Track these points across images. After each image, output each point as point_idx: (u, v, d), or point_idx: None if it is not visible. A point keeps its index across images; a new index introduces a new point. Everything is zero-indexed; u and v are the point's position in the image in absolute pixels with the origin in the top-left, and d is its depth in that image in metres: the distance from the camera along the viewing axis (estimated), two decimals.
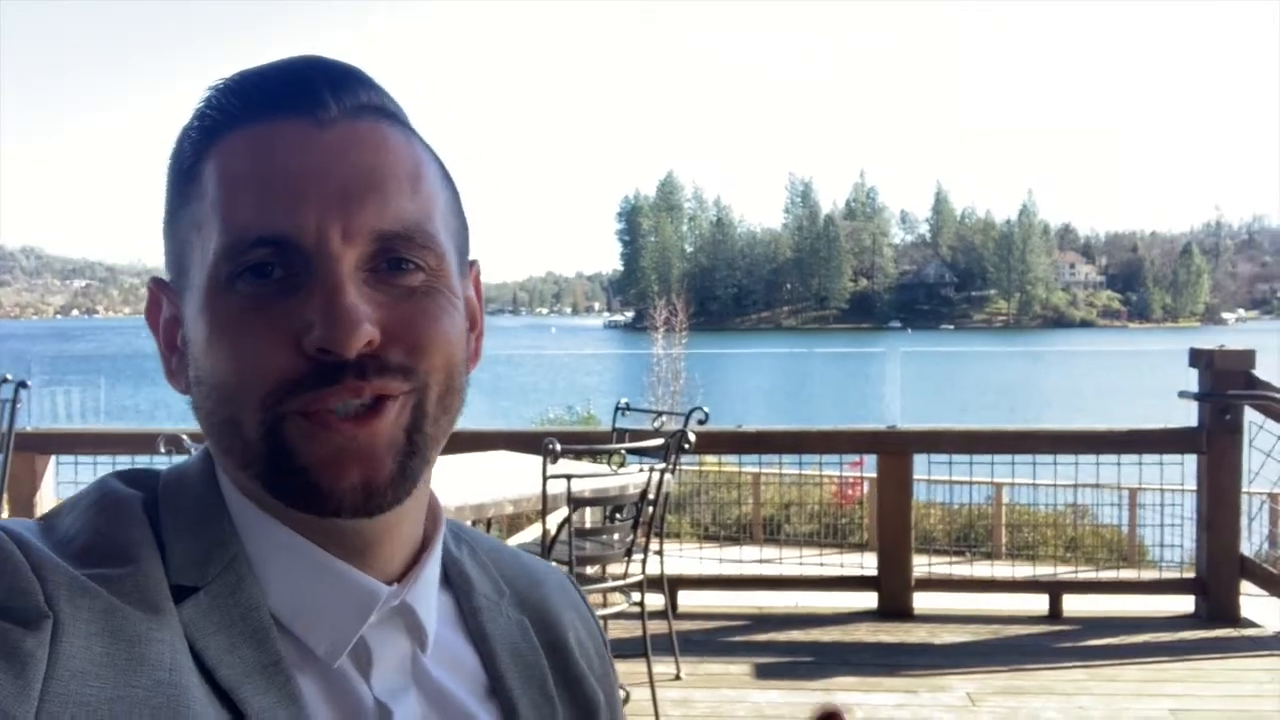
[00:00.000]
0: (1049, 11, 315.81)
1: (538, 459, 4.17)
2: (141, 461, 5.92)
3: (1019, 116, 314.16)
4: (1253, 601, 5.68)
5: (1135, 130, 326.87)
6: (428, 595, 0.79)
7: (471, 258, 0.83)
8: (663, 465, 4.28)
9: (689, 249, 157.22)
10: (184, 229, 0.74)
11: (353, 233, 0.70)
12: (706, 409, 5.29)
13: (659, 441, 4.50)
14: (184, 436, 4.17)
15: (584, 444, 5.29)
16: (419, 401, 0.73)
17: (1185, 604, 5.80)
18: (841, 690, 4.69)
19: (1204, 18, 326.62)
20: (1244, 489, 5.73)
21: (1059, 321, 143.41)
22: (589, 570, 4.64)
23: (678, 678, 4.79)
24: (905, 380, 6.49)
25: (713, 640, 5.42)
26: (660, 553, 4.55)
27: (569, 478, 4.07)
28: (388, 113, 0.76)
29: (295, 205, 0.70)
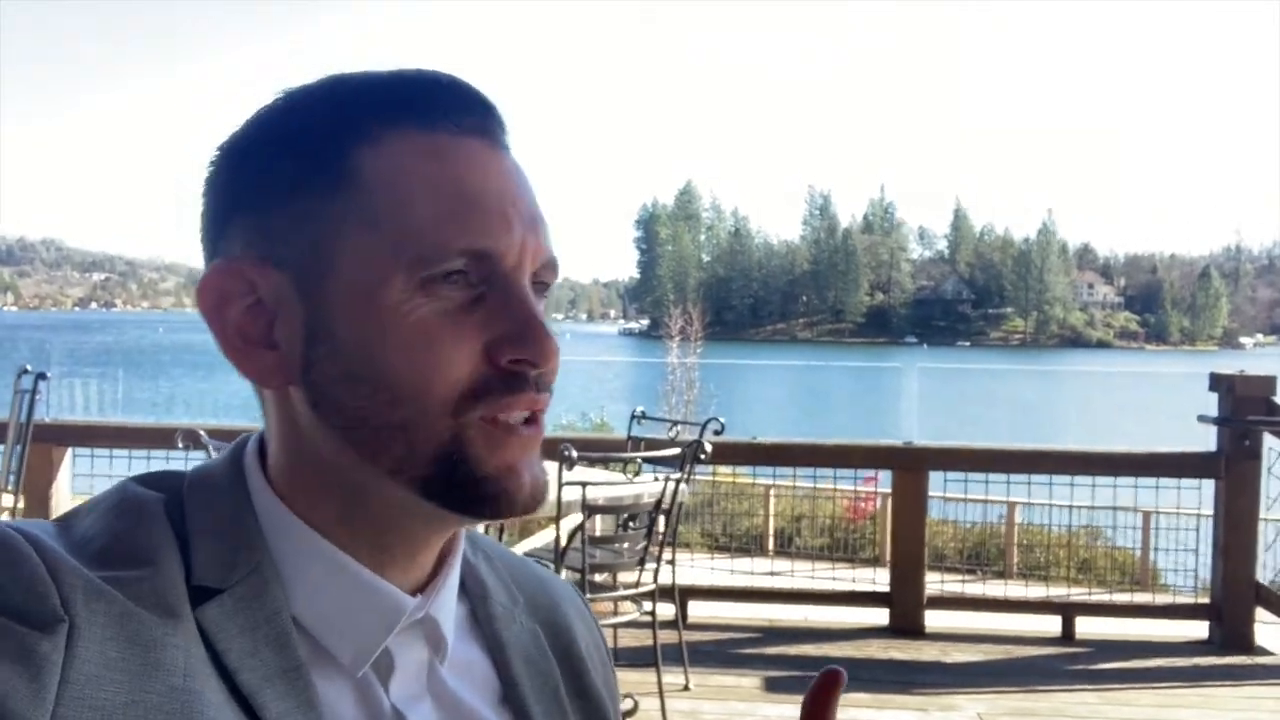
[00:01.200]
0: (1069, 30, 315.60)
1: (552, 465, 4.17)
2: (158, 456, 5.94)
3: (1041, 137, 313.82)
4: (1267, 629, 5.63)
5: (1156, 151, 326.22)
6: (448, 606, 0.79)
7: None
8: (678, 475, 4.27)
9: (706, 259, 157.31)
10: (324, 219, 0.72)
11: (536, 256, 0.75)
12: (722, 419, 5.28)
13: (675, 451, 4.50)
14: (201, 432, 4.18)
15: (599, 451, 5.30)
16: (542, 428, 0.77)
17: (1199, 630, 5.76)
18: (852, 707, 4.67)
19: (1225, 39, 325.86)
20: (1261, 515, 5.69)
21: (1076, 341, 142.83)
22: (599, 578, 4.63)
23: (687, 688, 4.77)
24: (920, 396, 6.47)
25: (723, 652, 5.41)
26: (672, 562, 4.55)
27: (584, 485, 4.06)
28: None
29: (506, 224, 0.73)
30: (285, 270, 0.73)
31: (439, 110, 0.73)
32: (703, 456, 4.35)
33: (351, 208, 0.72)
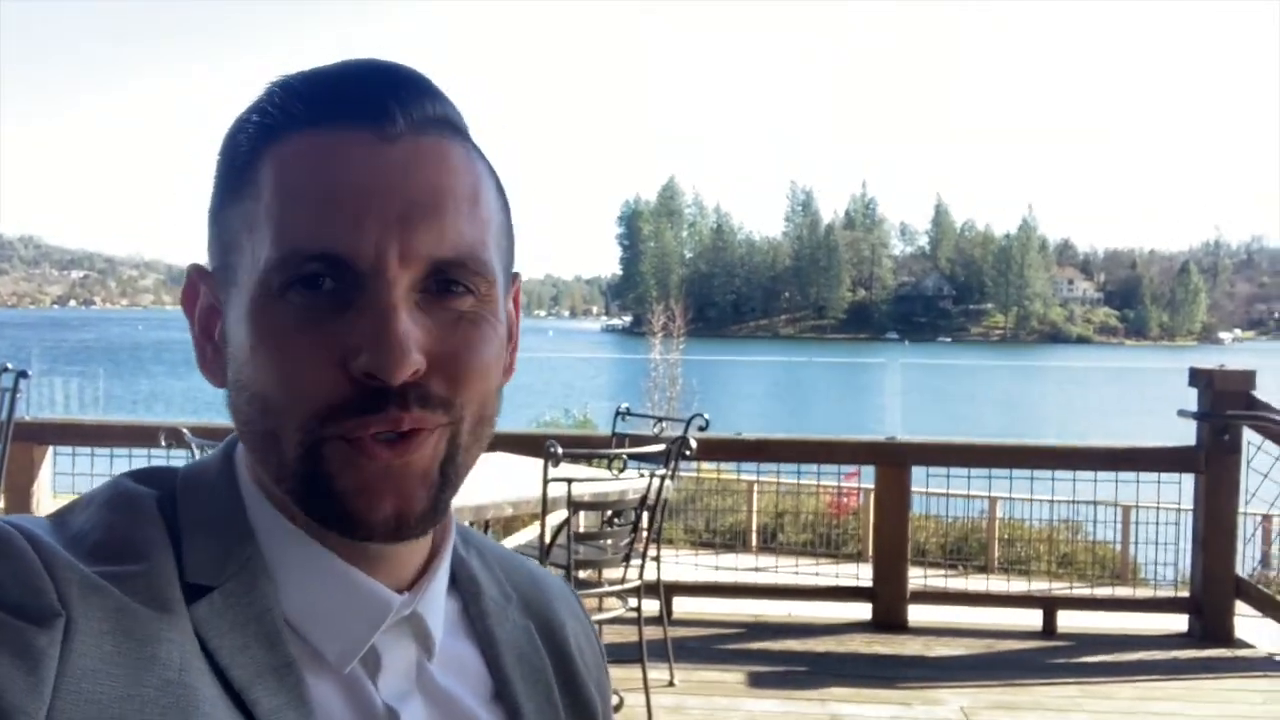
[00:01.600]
0: (1050, 28, 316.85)
1: (537, 461, 4.17)
2: (139, 454, 5.91)
3: (1021, 133, 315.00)
4: (1246, 622, 5.68)
5: (1136, 148, 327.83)
6: (436, 603, 0.79)
7: (514, 270, 0.83)
8: (663, 471, 4.28)
9: (688, 255, 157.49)
10: (233, 225, 0.73)
11: (410, 256, 0.69)
12: (707, 415, 5.29)
13: (660, 447, 4.50)
14: (185, 430, 4.16)
15: (585, 448, 5.30)
16: (454, 434, 0.73)
17: (1179, 623, 5.80)
18: (835, 701, 4.69)
19: (1205, 36, 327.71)
20: (1240, 509, 5.73)
21: (1055, 337, 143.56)
22: (584, 574, 4.64)
23: (672, 684, 4.78)
24: (903, 392, 6.50)
25: (707, 648, 5.42)
26: (657, 559, 4.55)
27: (569, 481, 4.07)
28: (451, 124, 0.75)
29: (354, 224, 0.69)
30: (215, 275, 0.76)
31: (332, 106, 0.71)
32: (688, 453, 4.36)
33: (247, 214, 0.72)
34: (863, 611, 5.89)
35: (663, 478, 4.27)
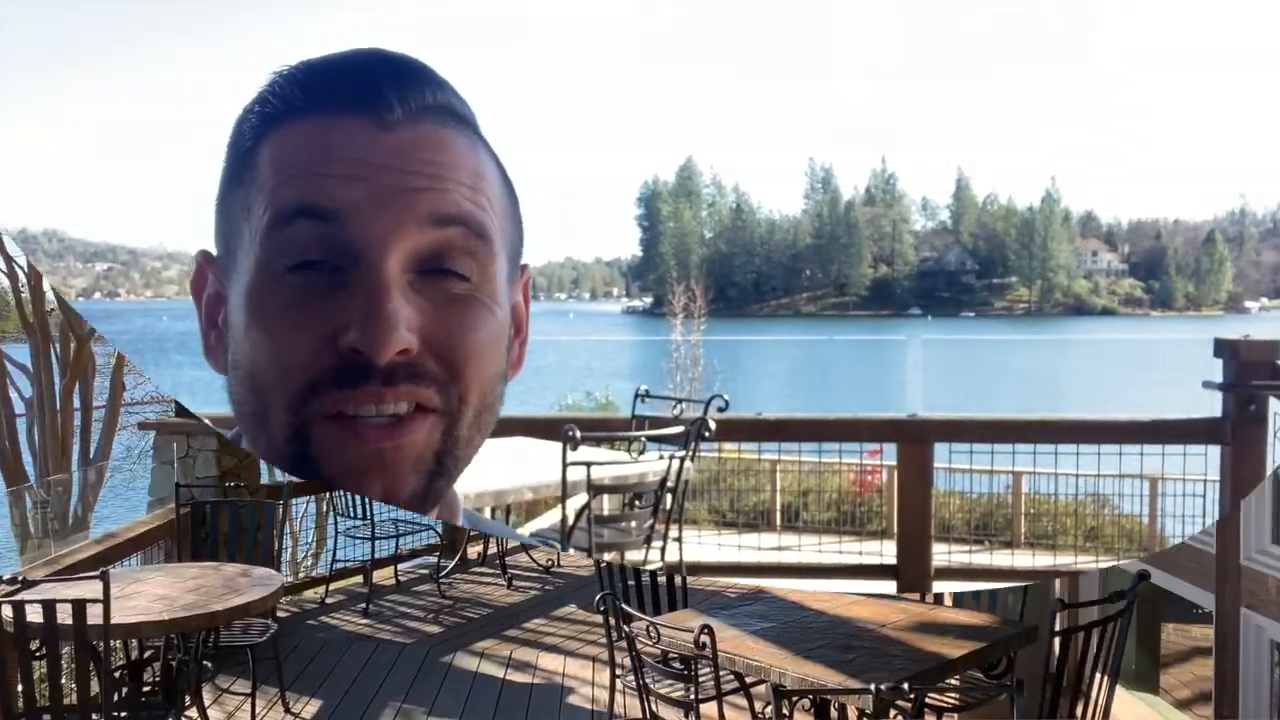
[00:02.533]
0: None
1: (557, 445, 4.17)
2: None
3: (1043, 101, 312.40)
4: None
5: (1159, 115, 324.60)
6: None
7: (522, 263, 0.82)
8: (683, 452, 4.27)
9: (708, 235, 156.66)
10: (235, 211, 0.74)
11: (404, 234, 0.69)
12: (726, 396, 5.27)
13: (679, 429, 4.49)
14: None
15: (604, 431, 5.30)
16: (451, 424, 0.72)
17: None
18: None
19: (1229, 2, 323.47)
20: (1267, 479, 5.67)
21: (1080, 309, 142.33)
22: (607, 557, 4.64)
23: None
24: (925, 368, 6.45)
25: None
26: (679, 540, 4.54)
27: (589, 465, 4.06)
28: (453, 113, 0.75)
29: (346, 185, 0.69)
30: (220, 261, 0.77)
31: (331, 95, 0.72)
32: (706, 434, 4.35)
33: (247, 199, 0.73)
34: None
35: (682, 459, 4.26)
